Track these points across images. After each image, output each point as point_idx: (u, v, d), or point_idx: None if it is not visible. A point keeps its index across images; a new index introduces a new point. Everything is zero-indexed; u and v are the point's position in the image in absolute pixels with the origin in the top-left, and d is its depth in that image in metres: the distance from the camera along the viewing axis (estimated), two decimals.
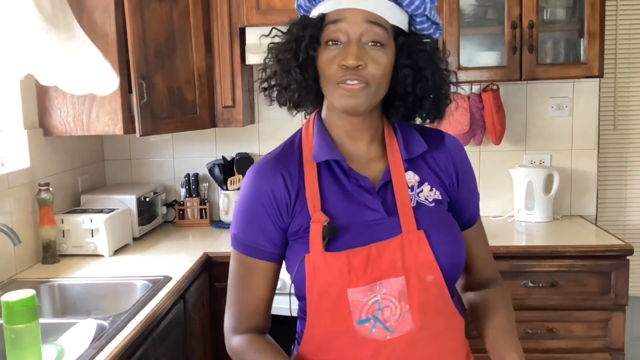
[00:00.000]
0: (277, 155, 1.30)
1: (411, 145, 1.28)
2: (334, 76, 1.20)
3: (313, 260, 1.20)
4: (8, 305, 1.35)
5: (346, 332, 1.21)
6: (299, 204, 1.25)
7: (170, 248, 2.80)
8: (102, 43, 2.51)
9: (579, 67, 2.80)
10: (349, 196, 1.25)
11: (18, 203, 2.41)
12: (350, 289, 1.19)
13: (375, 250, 1.20)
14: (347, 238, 1.21)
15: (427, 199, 1.27)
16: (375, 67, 1.19)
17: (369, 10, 1.18)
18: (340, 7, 1.19)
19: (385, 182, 1.26)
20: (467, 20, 2.89)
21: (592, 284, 2.60)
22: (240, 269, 1.30)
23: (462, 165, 1.34)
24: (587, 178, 3.19)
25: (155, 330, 1.98)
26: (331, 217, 1.22)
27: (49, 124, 2.61)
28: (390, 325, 1.20)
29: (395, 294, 1.20)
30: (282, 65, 1.25)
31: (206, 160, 3.23)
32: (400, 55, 1.23)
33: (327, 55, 1.20)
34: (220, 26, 2.82)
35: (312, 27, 1.21)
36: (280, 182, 1.26)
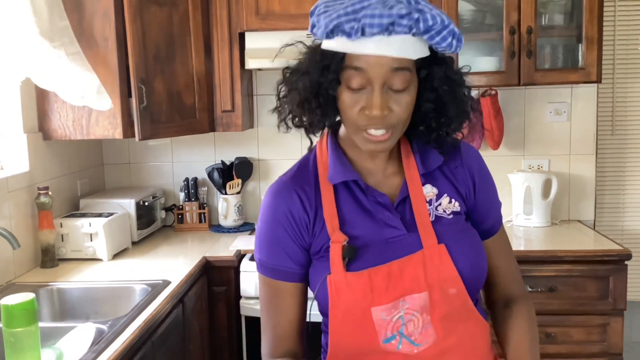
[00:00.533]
0: (293, 177, 1.29)
1: (427, 158, 1.27)
2: (356, 121, 1.16)
3: (335, 281, 1.19)
4: (7, 309, 1.35)
5: (374, 352, 1.21)
6: (318, 224, 1.25)
7: (169, 252, 2.80)
8: (102, 47, 2.52)
9: (577, 73, 2.81)
10: (368, 214, 1.24)
11: (17, 207, 2.41)
12: (374, 308, 1.18)
13: (396, 267, 1.19)
14: (367, 257, 1.20)
15: (445, 211, 1.26)
16: (400, 110, 1.15)
17: (393, 56, 1.11)
18: (364, 52, 1.11)
19: (403, 198, 1.25)
20: (466, 25, 2.90)
21: (590, 288, 2.61)
22: (269, 293, 1.29)
23: (478, 173, 1.32)
24: (586, 183, 3.20)
25: (154, 335, 1.98)
26: (351, 236, 1.22)
27: (48, 128, 2.61)
28: (415, 338, 1.20)
29: (418, 309, 1.19)
30: (302, 107, 1.21)
31: (205, 164, 3.24)
32: (424, 88, 1.19)
33: (348, 98, 1.15)
34: (220, 31, 2.82)
35: (333, 72, 1.15)
36: (297, 203, 1.25)
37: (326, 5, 1.15)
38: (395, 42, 1.10)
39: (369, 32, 1.09)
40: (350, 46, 1.12)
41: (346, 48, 1.13)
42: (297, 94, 1.21)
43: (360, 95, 1.14)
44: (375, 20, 1.08)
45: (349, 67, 1.14)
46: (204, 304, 2.55)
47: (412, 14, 1.09)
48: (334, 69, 1.15)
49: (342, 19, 1.10)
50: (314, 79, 1.17)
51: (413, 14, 1.09)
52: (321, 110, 1.20)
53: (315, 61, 1.18)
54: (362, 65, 1.12)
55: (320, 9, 1.15)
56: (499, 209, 1.38)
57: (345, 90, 1.16)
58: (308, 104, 1.20)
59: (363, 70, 1.12)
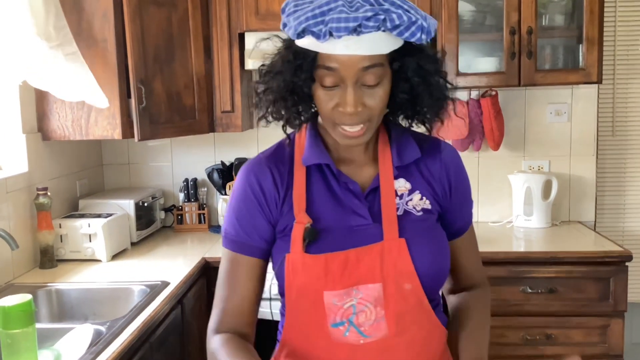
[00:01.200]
0: (268, 155, 1.32)
1: (404, 152, 1.28)
2: (331, 117, 1.19)
3: (292, 261, 1.22)
4: (4, 310, 1.35)
5: (321, 334, 1.22)
6: (286, 203, 1.26)
7: (169, 253, 2.79)
8: (101, 48, 2.51)
9: (577, 73, 2.80)
10: (337, 200, 1.26)
11: (16, 207, 2.41)
12: (327, 292, 1.20)
13: (354, 255, 1.21)
14: (328, 241, 1.22)
15: (415, 208, 1.26)
16: (374, 104, 1.17)
17: (364, 55, 1.12)
18: (335, 52, 1.12)
19: (374, 188, 1.27)
20: (466, 26, 2.89)
21: (590, 290, 2.60)
22: (227, 267, 1.30)
23: (456, 174, 1.32)
24: (586, 184, 3.19)
25: (153, 336, 1.97)
26: (316, 219, 1.23)
27: (47, 128, 2.61)
28: (365, 330, 1.21)
29: (371, 300, 1.20)
30: (279, 106, 1.23)
31: (205, 165, 3.23)
32: (398, 79, 1.20)
33: (322, 96, 1.17)
34: (220, 31, 2.82)
35: (306, 72, 1.17)
36: (269, 179, 1.27)
37: (295, 4, 1.16)
38: (364, 40, 1.11)
39: (337, 35, 1.10)
40: (321, 46, 1.14)
41: (317, 47, 1.14)
42: (271, 93, 1.23)
43: (334, 92, 1.16)
44: (341, 25, 1.09)
45: (321, 67, 1.15)
46: (203, 305, 2.54)
47: (378, 15, 1.10)
48: (307, 68, 1.17)
49: (310, 22, 1.11)
50: (287, 78, 1.19)
51: (379, 15, 1.10)
52: (296, 107, 1.22)
53: (288, 61, 1.19)
54: (334, 65, 1.13)
55: (290, 9, 1.16)
56: (471, 208, 1.39)
57: (319, 88, 1.17)
58: (284, 102, 1.22)
59: (335, 70, 1.14)
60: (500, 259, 2.61)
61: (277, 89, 1.21)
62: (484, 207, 3.21)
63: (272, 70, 1.22)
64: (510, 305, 2.62)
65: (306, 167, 1.27)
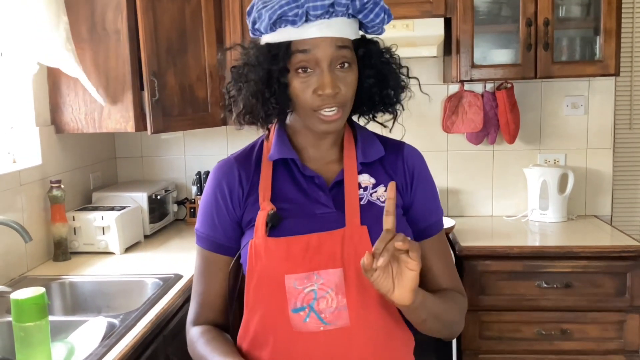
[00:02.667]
0: (238, 155, 1.37)
1: (369, 150, 1.33)
2: (310, 103, 1.22)
3: (255, 245, 1.24)
4: (17, 303, 1.34)
5: (281, 320, 1.23)
6: (252, 197, 1.30)
7: (181, 246, 2.79)
8: (114, 40, 2.51)
9: (594, 65, 2.76)
10: (302, 191, 1.30)
11: (30, 200, 2.41)
12: (288, 275, 1.22)
13: (316, 240, 1.23)
14: (290, 226, 1.25)
15: (379, 199, 1.29)
16: (347, 89, 1.23)
17: (335, 36, 1.20)
18: (308, 36, 1.19)
19: (338, 181, 1.30)
20: (482, 17, 2.86)
21: (607, 285, 2.57)
22: (200, 262, 1.36)
23: (418, 172, 1.35)
24: (602, 178, 3.15)
25: (166, 329, 1.97)
26: (280, 207, 1.27)
27: (60, 121, 2.61)
28: (325, 317, 1.22)
29: (332, 286, 1.22)
30: (257, 98, 1.25)
31: (217, 158, 3.18)
32: (363, 66, 1.27)
33: (299, 83, 1.22)
34: (232, 23, 2.80)
35: (282, 59, 1.21)
36: (235, 177, 1.32)
37: (263, 1, 1.22)
38: (335, 24, 1.20)
39: (313, 16, 1.18)
40: (294, 33, 1.20)
41: (290, 36, 1.20)
42: (250, 86, 1.26)
43: (310, 79, 1.21)
44: (317, 3, 1.17)
45: (296, 52, 1.20)
46: None
47: None
48: (282, 56, 1.21)
49: (285, 8, 1.18)
50: (264, 68, 1.23)
51: None
52: (275, 98, 1.24)
53: (264, 52, 1.23)
54: (308, 47, 1.19)
55: (258, 5, 1.22)
56: (437, 214, 1.38)
57: (295, 76, 1.22)
58: (262, 95, 1.24)
59: (309, 53, 1.19)
60: (516, 254, 2.58)
61: (256, 81, 1.24)
62: (499, 201, 3.19)
63: (249, 64, 1.26)
64: (526, 300, 2.60)
65: (273, 163, 1.32)
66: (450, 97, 3.06)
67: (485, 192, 3.19)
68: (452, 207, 3.20)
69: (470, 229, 2.91)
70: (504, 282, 2.59)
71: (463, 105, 3.03)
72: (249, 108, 1.27)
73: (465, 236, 2.75)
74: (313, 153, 1.33)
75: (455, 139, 3.15)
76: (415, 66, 1.33)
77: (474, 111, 3.01)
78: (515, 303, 2.61)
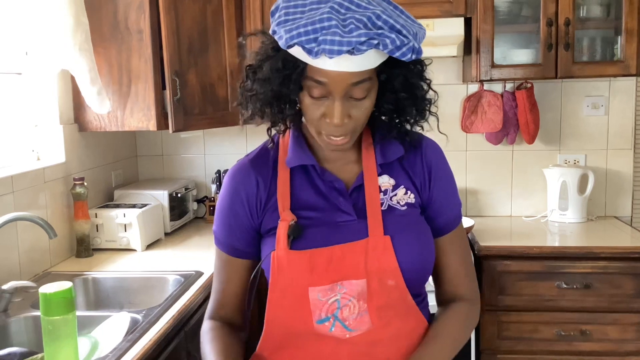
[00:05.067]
0: (252, 159, 1.35)
1: (388, 150, 1.29)
2: (317, 126, 1.20)
3: (278, 257, 1.23)
4: (46, 297, 1.37)
5: (306, 331, 1.23)
6: (271, 204, 1.28)
7: (201, 243, 2.81)
8: (137, 39, 2.54)
9: (615, 66, 2.74)
10: (322, 197, 1.27)
11: (53, 197, 2.45)
12: (311, 288, 1.21)
13: (339, 252, 1.21)
14: (313, 237, 1.23)
15: (399, 203, 1.27)
16: (359, 115, 1.18)
17: (353, 72, 1.12)
18: (325, 68, 1.12)
19: (358, 185, 1.28)
20: (502, 17, 2.85)
21: (627, 286, 2.56)
22: (218, 262, 1.38)
23: (437, 168, 1.32)
24: (623, 178, 3.13)
25: (187, 325, 1.99)
26: (301, 217, 1.25)
27: (84, 119, 2.64)
28: (349, 324, 1.22)
29: (355, 294, 1.21)
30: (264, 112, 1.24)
31: (237, 156, 3.18)
32: (383, 89, 1.21)
33: (309, 104, 1.18)
34: (253, 22, 2.82)
35: (295, 82, 1.17)
36: (253, 184, 1.30)
37: (286, 12, 1.13)
38: (355, 58, 1.11)
39: (329, 56, 1.09)
40: (312, 60, 1.12)
41: (307, 60, 1.13)
42: (257, 99, 1.23)
43: (321, 102, 1.17)
44: (334, 47, 1.07)
45: (310, 79, 1.15)
46: None
47: (372, 39, 1.08)
48: (296, 78, 1.16)
49: (302, 38, 1.08)
50: (275, 88, 1.19)
51: (372, 40, 1.08)
52: (282, 114, 1.23)
53: (277, 69, 1.18)
54: (323, 79, 1.13)
55: (280, 17, 1.13)
56: (456, 208, 1.36)
57: (307, 97, 1.18)
58: (269, 108, 1.23)
59: (324, 84, 1.14)
60: (535, 254, 2.58)
61: (264, 97, 1.22)
62: (518, 201, 3.18)
63: (260, 77, 1.21)
64: (545, 301, 2.59)
65: (290, 168, 1.29)
66: (469, 96, 3.06)
67: (504, 192, 3.18)
68: (470, 207, 3.19)
69: (489, 229, 2.91)
70: (524, 282, 2.59)
71: (482, 105, 3.02)
72: (258, 115, 1.26)
73: (485, 236, 2.75)
74: (331, 154, 1.30)
75: (474, 139, 3.14)
76: (435, 66, 1.30)
77: (493, 111, 3.00)
78: (535, 303, 2.60)
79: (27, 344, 1.86)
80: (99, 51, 2.55)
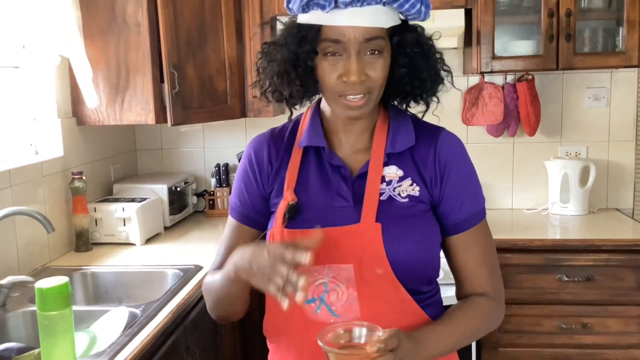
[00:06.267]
0: (272, 132, 1.39)
1: (399, 139, 1.29)
2: (335, 88, 1.22)
3: (273, 235, 1.27)
4: (42, 292, 1.36)
5: (296, 309, 1.21)
6: (278, 180, 1.32)
7: (201, 238, 2.81)
8: (134, 33, 2.52)
9: (617, 57, 2.73)
10: (326, 181, 1.29)
11: (52, 191, 2.44)
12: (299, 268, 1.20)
13: (328, 234, 1.21)
14: (307, 218, 1.25)
15: (400, 194, 1.26)
16: (375, 75, 1.21)
17: (367, 26, 1.18)
18: (338, 24, 1.17)
19: (363, 173, 1.28)
20: (503, 8, 2.83)
21: (628, 278, 2.55)
22: (227, 230, 1.41)
23: (451, 164, 1.28)
24: (625, 171, 3.12)
25: (186, 319, 1.98)
26: (301, 197, 1.28)
27: (82, 113, 2.63)
28: (336, 309, 1.23)
29: (343, 280, 1.22)
30: (282, 79, 1.26)
31: (236, 150, 3.23)
32: (397, 54, 1.24)
33: (326, 66, 1.21)
34: (252, 16, 2.80)
35: (310, 42, 1.20)
36: (265, 151, 1.35)
37: None
38: (367, 12, 1.17)
39: (342, 3, 1.16)
40: (325, 18, 1.18)
41: (321, 20, 1.19)
42: (275, 65, 1.26)
43: (337, 63, 1.20)
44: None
45: (325, 39, 1.19)
46: None
47: None
48: (311, 39, 1.20)
49: None
50: (291, 49, 1.23)
51: None
52: (300, 80, 1.25)
53: (293, 34, 1.23)
54: (338, 37, 1.18)
55: None
56: (474, 206, 1.31)
57: (322, 60, 1.21)
58: (287, 75, 1.25)
59: (339, 42, 1.18)
60: (536, 247, 2.57)
61: (281, 60, 1.24)
62: (519, 194, 3.16)
63: (277, 43, 1.26)
64: (546, 294, 2.58)
65: (304, 148, 1.32)
66: (470, 88, 3.04)
67: (505, 185, 3.17)
68: None
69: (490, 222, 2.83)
70: (525, 275, 2.58)
71: (483, 97, 3.00)
72: (274, 87, 1.28)
73: None
74: (343, 139, 1.32)
75: (475, 131, 3.13)
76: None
77: (494, 103, 2.99)
78: (536, 296, 2.59)
79: (25, 339, 1.85)
80: (97, 44, 2.53)
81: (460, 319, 1.26)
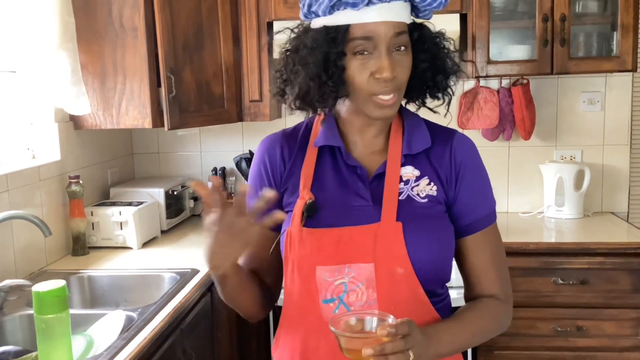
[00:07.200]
0: (284, 132, 1.39)
1: (415, 140, 1.30)
2: (367, 87, 1.22)
3: (291, 234, 1.26)
4: (39, 296, 1.37)
5: (313, 309, 1.24)
6: (292, 180, 1.32)
7: (198, 241, 2.81)
8: (131, 37, 2.53)
9: (611, 61, 2.75)
10: (342, 181, 1.29)
11: (49, 195, 2.44)
12: (319, 267, 1.23)
13: (348, 233, 1.23)
14: (326, 217, 1.26)
15: (419, 194, 1.27)
16: (403, 73, 1.23)
17: (395, 21, 1.20)
18: (369, 20, 1.19)
19: (380, 174, 1.29)
20: (497, 13, 2.85)
21: (623, 281, 2.56)
22: None
23: (466, 165, 1.30)
24: (619, 174, 3.13)
25: (183, 322, 1.99)
26: (319, 196, 1.28)
27: (79, 117, 2.63)
28: (354, 310, 1.22)
29: (363, 280, 1.22)
30: (314, 82, 1.23)
31: (233, 154, 3.24)
32: (417, 49, 1.26)
33: (356, 65, 1.21)
34: (248, 20, 2.81)
35: (340, 43, 1.20)
36: (278, 150, 1.35)
37: None
38: (394, 7, 1.20)
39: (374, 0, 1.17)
40: (354, 17, 1.19)
41: (350, 19, 1.20)
42: (307, 69, 1.24)
43: (367, 62, 1.20)
44: None
45: (355, 37, 1.20)
46: None
47: None
48: (341, 39, 1.20)
49: None
50: (322, 51, 1.22)
51: None
52: (332, 82, 1.23)
53: (322, 35, 1.22)
54: (368, 34, 1.19)
55: None
56: (486, 209, 1.33)
57: (352, 59, 1.21)
58: (319, 78, 1.23)
59: (369, 38, 1.19)
60: (531, 250, 2.58)
61: (315, 64, 1.22)
62: (515, 198, 3.18)
63: (307, 46, 1.24)
64: (541, 297, 2.59)
65: (318, 149, 1.32)
66: (465, 93, 3.05)
67: (500, 189, 3.18)
68: None
69: None
70: (520, 278, 2.59)
71: (479, 101, 3.02)
72: (305, 91, 1.25)
73: None
74: (359, 141, 1.32)
75: (470, 135, 3.10)
76: None
77: (489, 107, 3.00)
78: (531, 299, 2.60)
79: (23, 343, 1.86)
80: (94, 49, 2.54)
81: (471, 319, 1.27)
